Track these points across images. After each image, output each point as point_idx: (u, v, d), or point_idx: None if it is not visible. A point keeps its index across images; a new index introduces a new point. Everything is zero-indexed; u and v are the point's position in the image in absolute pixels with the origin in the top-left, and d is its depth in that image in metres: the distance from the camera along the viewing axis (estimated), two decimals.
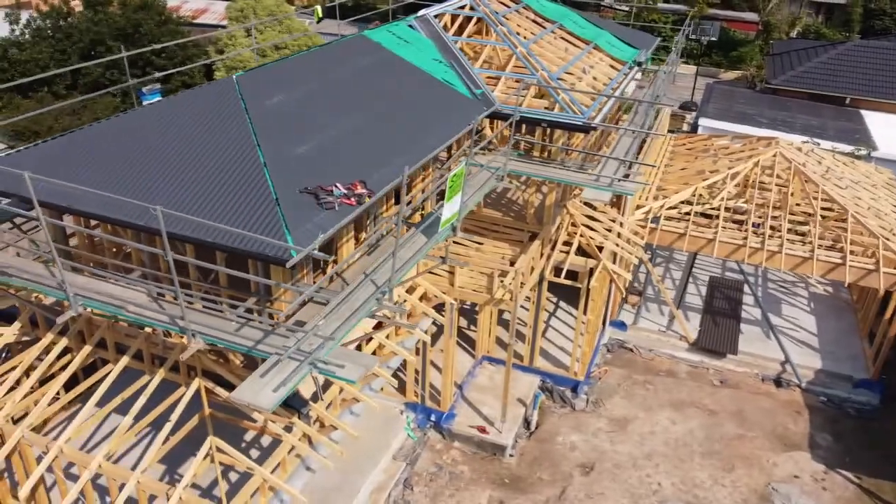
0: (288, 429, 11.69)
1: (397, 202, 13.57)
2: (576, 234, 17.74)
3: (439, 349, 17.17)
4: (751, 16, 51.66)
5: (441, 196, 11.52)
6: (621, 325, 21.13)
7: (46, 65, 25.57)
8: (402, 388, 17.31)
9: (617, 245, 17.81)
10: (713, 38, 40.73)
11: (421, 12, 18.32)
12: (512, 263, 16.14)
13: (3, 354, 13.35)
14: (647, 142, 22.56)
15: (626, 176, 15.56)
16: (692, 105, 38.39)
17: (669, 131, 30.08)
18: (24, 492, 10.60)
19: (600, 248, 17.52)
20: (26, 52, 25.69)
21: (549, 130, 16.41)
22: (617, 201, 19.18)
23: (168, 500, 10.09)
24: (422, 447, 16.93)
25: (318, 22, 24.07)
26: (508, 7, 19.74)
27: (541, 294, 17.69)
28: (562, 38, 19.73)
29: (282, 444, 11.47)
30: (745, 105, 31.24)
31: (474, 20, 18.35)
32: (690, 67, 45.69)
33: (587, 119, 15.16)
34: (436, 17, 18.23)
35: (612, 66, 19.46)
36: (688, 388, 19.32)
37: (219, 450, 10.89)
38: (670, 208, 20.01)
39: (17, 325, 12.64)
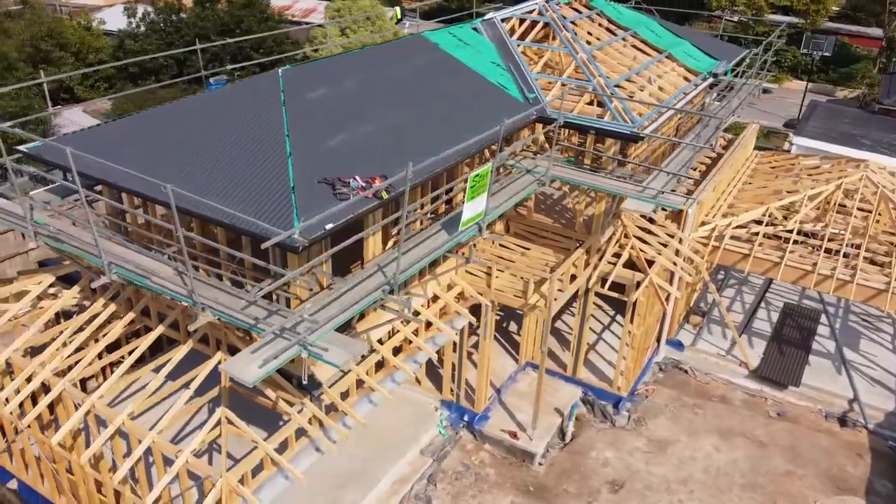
0: (298, 409, 12.14)
1: (434, 200, 13.83)
2: (627, 245, 17.30)
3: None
4: (875, 31, 48.10)
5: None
6: (678, 345, 20.37)
7: (156, 56, 27.70)
8: (439, 385, 17.53)
9: (671, 261, 17.22)
10: (826, 54, 38.22)
11: (488, 15, 18.48)
12: (553, 270, 15.98)
13: (63, 315, 14.60)
14: (725, 157, 21.61)
15: (685, 193, 15.05)
16: (797, 123, 36.30)
17: (764, 149, 28.65)
18: (57, 437, 11.61)
19: (651, 263, 17.01)
20: (139, 43, 27.87)
21: (604, 139, 16.11)
22: (678, 216, 18.53)
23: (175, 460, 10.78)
24: (452, 445, 17.04)
25: (396, 23, 24.68)
26: (580, 13, 19.53)
27: (586, 304, 17.38)
28: (633, 45, 19.29)
29: (289, 423, 11.94)
30: (849, 125, 29.21)
31: (540, 25, 18.28)
32: (802, 83, 43.17)
33: (637, 128, 14.79)
34: (503, 20, 18.32)
35: (684, 77, 18.84)
36: (740, 416, 18.38)
37: (228, 421, 11.49)
38: (738, 227, 19.11)
39: (76, 288, 13.82)
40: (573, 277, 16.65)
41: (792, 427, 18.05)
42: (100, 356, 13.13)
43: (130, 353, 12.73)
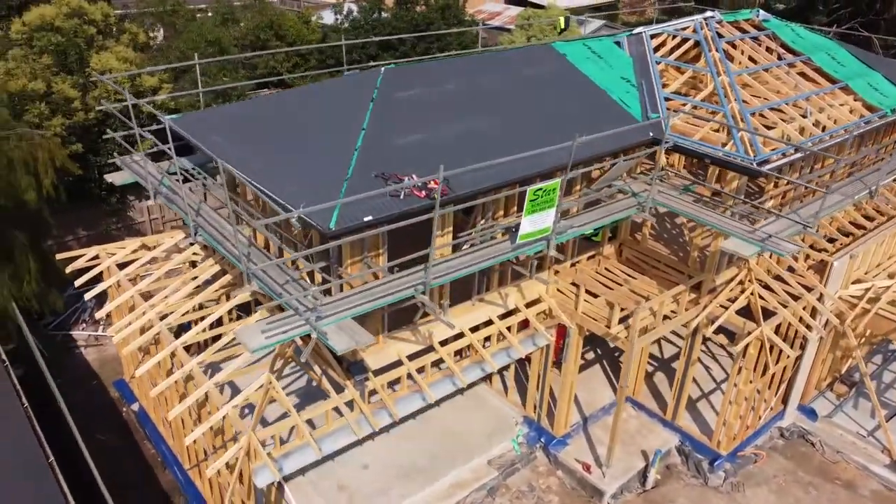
0: (339, 389, 12.72)
1: (520, 209, 13.65)
2: (747, 290, 15.63)
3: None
4: None
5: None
6: (811, 413, 17.96)
7: (350, 50, 30.03)
8: (525, 400, 17.25)
9: (796, 316, 15.27)
10: None
11: (637, 29, 17.66)
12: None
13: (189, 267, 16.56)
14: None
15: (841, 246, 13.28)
16: None
17: None
18: (143, 369, 13.28)
19: (771, 314, 15.23)
20: (337, 37, 30.43)
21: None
22: (821, 267, 16.33)
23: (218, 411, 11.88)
24: (523, 463, 16.67)
25: (559, 33, 24.28)
26: (745, 32, 17.91)
27: (692, 346, 16.01)
28: (800, 72, 17.28)
29: (327, 401, 12.54)
30: None
31: (691, 43, 17.05)
32: None
33: (757, 162, 13.35)
34: (652, 36, 17.40)
35: (857, 111, 16.52)
36: None
37: (271, 386, 12.36)
38: None
39: (196, 247, 15.63)
40: (670, 314, 15.42)
41: None
42: (199, 308, 14.76)
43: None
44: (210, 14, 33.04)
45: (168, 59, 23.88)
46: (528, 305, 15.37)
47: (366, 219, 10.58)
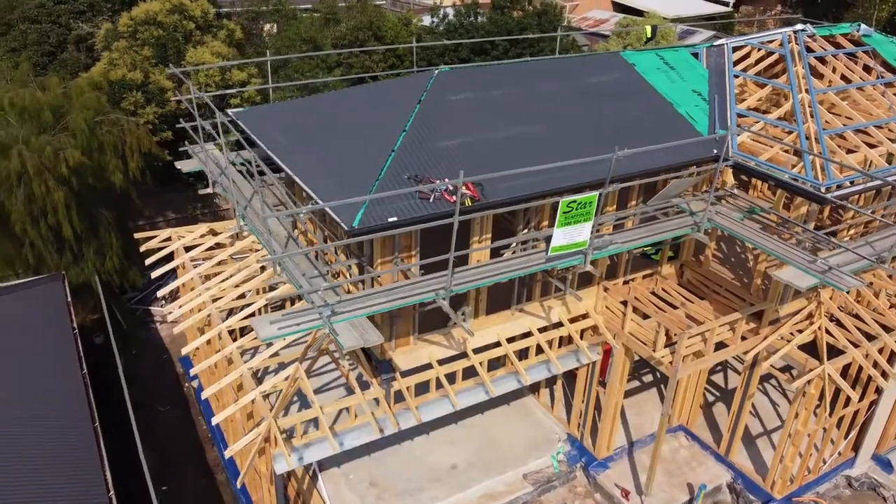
0: (365, 386, 12.85)
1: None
2: (815, 324, 14.52)
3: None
4: None
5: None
6: (886, 465, 16.46)
7: (442, 52, 30.27)
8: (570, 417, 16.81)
9: (870, 359, 14.04)
10: None
11: (719, 41, 16.80)
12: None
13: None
14: None
15: None
16: None
17: None
18: (191, 347, 13.98)
19: (838, 351, 14.07)
20: (431, 38, 30.78)
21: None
22: None
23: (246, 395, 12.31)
24: (561, 482, 16.23)
25: (645, 42, 23.39)
26: (840, 48, 16.62)
27: (749, 379, 15.06)
28: None
29: (351, 396, 12.69)
30: None
31: (775, 57, 16.03)
32: None
33: (824, 188, 12.38)
34: (736, 48, 16.49)
35: None
36: None
37: (298, 376, 12.65)
38: None
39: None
40: (722, 344, 14.55)
41: None
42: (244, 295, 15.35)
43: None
44: (315, 14, 34.32)
45: (263, 56, 25.05)
46: (574, 320, 14.96)
47: (390, 219, 10.64)
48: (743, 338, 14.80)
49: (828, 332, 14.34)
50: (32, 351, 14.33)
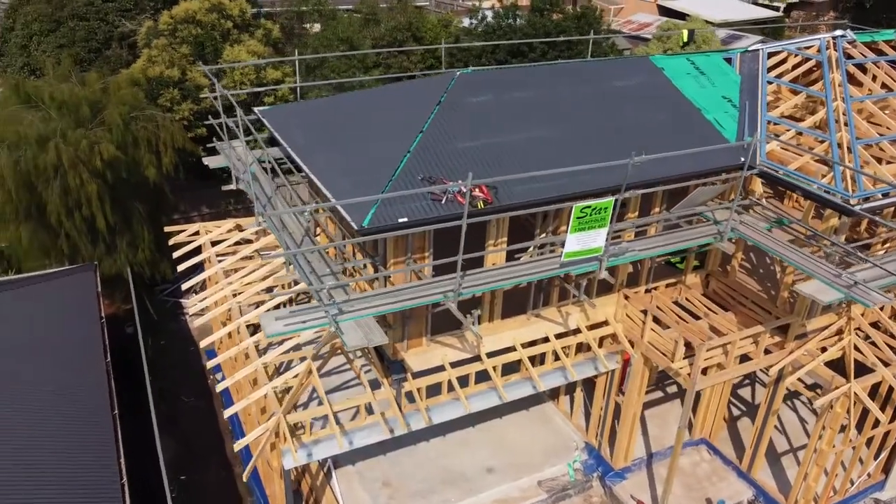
0: (375, 385, 12.87)
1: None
2: (844, 340, 14.03)
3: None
4: None
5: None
6: None
7: (480, 54, 30.22)
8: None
9: None
10: None
11: (754, 46, 16.37)
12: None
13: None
14: None
15: None
16: None
17: None
18: (212, 337, 14.21)
19: (867, 370, 13.57)
20: (468, 39, 30.75)
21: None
22: None
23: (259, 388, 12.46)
24: (576, 490, 16.02)
25: (682, 46, 22.89)
26: (881, 55, 16.01)
27: (773, 395, 14.64)
28: None
29: (361, 395, 12.73)
30: None
31: (812, 63, 15.53)
32: None
33: (853, 200, 11.95)
34: (771, 54, 16.04)
35: None
36: None
37: (310, 373, 12.74)
38: None
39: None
40: (745, 357, 14.16)
41: None
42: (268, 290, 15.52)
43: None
44: (356, 14, 34.61)
45: (301, 55, 25.37)
46: (593, 327, 14.75)
47: (400, 220, 10.63)
48: (767, 351, 14.39)
49: (857, 348, 13.84)
50: (60, 338, 14.76)
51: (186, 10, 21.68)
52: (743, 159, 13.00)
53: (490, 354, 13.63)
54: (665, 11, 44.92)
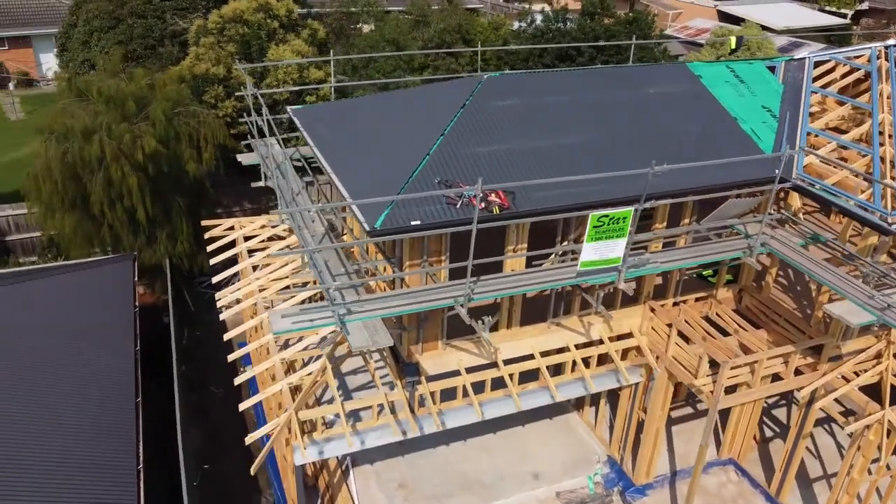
0: (390, 387, 12.88)
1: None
2: (882, 364, 13.38)
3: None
4: None
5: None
6: None
7: (527, 58, 30.02)
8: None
9: None
10: None
11: (800, 54, 15.77)
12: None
13: None
14: None
15: None
16: None
17: None
18: (235, 332, 14.46)
19: None
20: (516, 42, 30.58)
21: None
22: None
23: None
24: None
25: (729, 54, 22.18)
26: None
27: (804, 418, 14.06)
28: None
29: (373, 396, 12.75)
30: None
31: (861, 73, 14.87)
32: None
33: (891, 219, 11.37)
34: (818, 63, 15.43)
35: None
36: None
37: (324, 370, 12.83)
38: None
39: None
40: (775, 377, 13.62)
41: None
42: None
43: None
44: (408, 16, 34.81)
45: (347, 55, 25.72)
46: (616, 339, 14.44)
47: (413, 222, 10.61)
48: (799, 372, 13.83)
49: (895, 374, 13.16)
50: (94, 324, 15.26)
51: (234, 10, 22.18)
52: (778, 171, 12.53)
53: (507, 361, 13.48)
54: (725, 17, 43.80)
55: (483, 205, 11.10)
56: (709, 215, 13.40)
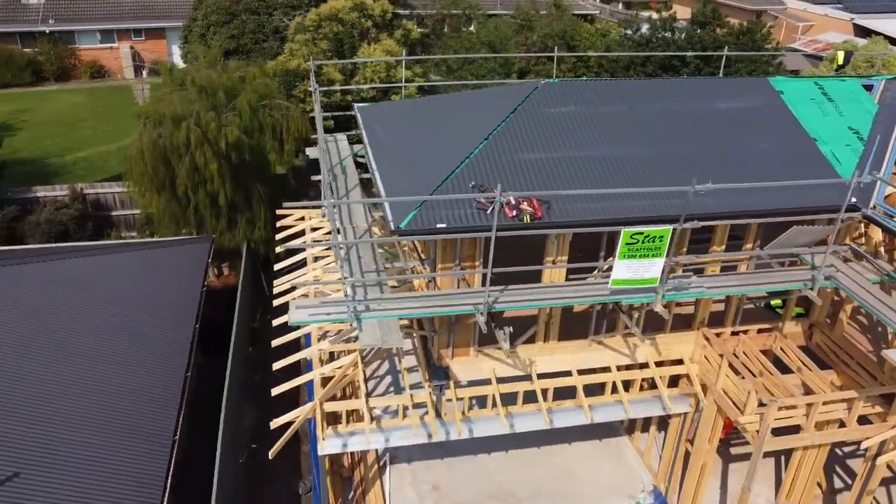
0: (418, 387, 12.84)
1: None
2: None
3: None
4: None
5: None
6: None
7: (628, 66, 29.07)
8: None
9: None
10: None
11: None
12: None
13: None
14: None
15: None
16: None
17: None
18: (278, 321, 14.90)
19: None
20: (618, 49, 29.80)
21: None
22: None
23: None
24: None
25: (836, 70, 20.34)
26: None
27: (869, 474, 12.80)
28: None
29: (399, 396, 12.75)
30: None
31: None
32: None
33: None
34: None
35: None
36: None
37: (355, 364, 12.97)
38: None
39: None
40: (832, 423, 12.44)
41: None
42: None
43: None
44: (512, 19, 34.65)
45: (443, 55, 26.02)
46: (663, 364, 13.71)
47: (439, 225, 10.54)
48: (867, 422, 12.59)
49: None
50: (160, 300, 16.22)
51: (331, 8, 22.88)
52: (849, 199, 11.44)
53: (542, 375, 13.12)
54: (862, 31, 40.57)
55: (514, 213, 10.87)
56: (773, 241, 12.45)
